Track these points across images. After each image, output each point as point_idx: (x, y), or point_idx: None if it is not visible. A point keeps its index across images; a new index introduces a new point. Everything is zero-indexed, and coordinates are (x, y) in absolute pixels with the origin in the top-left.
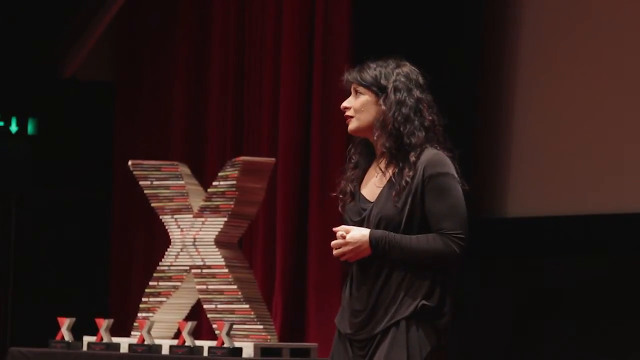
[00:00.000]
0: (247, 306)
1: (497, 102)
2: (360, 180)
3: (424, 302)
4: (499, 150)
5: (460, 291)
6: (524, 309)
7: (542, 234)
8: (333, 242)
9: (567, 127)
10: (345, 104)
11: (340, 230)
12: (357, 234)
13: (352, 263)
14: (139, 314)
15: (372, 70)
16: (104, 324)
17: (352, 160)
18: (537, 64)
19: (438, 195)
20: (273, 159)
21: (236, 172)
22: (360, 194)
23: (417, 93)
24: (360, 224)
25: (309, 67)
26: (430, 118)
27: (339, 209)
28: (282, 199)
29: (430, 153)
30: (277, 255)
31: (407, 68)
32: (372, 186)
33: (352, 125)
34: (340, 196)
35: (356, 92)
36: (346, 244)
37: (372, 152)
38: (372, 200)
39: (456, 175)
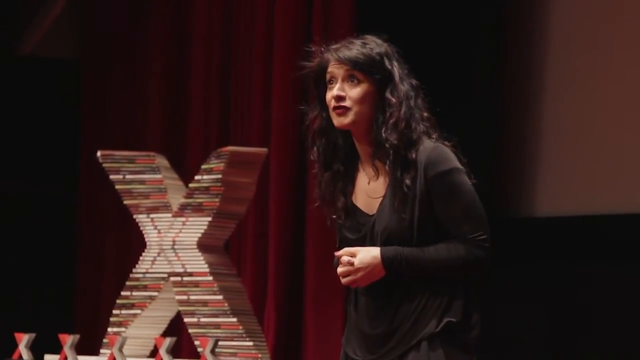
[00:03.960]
0: (235, 319)
1: (524, 89)
2: (351, 191)
3: (447, 319)
4: (526, 143)
5: (483, 303)
6: (556, 321)
7: (576, 235)
8: (340, 270)
9: (603, 117)
10: (339, 92)
11: (344, 254)
12: (367, 256)
13: None
14: (110, 329)
15: (368, 51)
16: (68, 340)
17: (333, 168)
18: (569, 51)
19: (448, 198)
20: (265, 150)
21: (222, 164)
22: (356, 206)
23: (411, 79)
24: (360, 241)
25: (307, 41)
26: (424, 108)
27: (328, 224)
28: (275, 196)
29: (428, 148)
30: (269, 260)
31: (391, 47)
32: (366, 196)
33: (349, 118)
34: (333, 216)
35: (350, 77)
36: (356, 270)
37: (350, 153)
38: (370, 213)
39: (461, 167)
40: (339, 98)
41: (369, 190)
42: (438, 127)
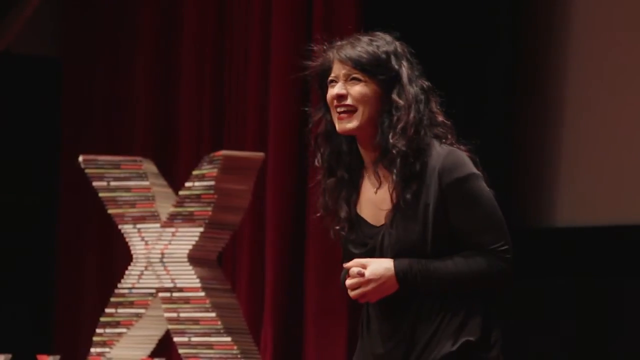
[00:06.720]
0: (229, 339)
1: (543, 95)
2: (355, 200)
3: (465, 337)
4: (546, 146)
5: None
6: (581, 341)
7: (601, 247)
8: (349, 282)
9: (627, 122)
10: (340, 90)
11: (355, 265)
12: (379, 267)
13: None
14: (93, 349)
15: (374, 49)
16: None
17: (337, 175)
18: (590, 55)
19: (466, 206)
20: (262, 154)
21: (215, 170)
22: (360, 217)
23: (423, 81)
24: (368, 256)
25: (307, 32)
26: (438, 111)
27: (332, 236)
28: (272, 204)
29: (441, 154)
30: (266, 274)
31: (402, 45)
32: (372, 206)
33: (354, 122)
34: (336, 227)
35: (353, 78)
36: (367, 282)
37: (355, 160)
38: (377, 225)
39: (478, 172)
40: (340, 97)
41: (376, 200)
42: (453, 132)
